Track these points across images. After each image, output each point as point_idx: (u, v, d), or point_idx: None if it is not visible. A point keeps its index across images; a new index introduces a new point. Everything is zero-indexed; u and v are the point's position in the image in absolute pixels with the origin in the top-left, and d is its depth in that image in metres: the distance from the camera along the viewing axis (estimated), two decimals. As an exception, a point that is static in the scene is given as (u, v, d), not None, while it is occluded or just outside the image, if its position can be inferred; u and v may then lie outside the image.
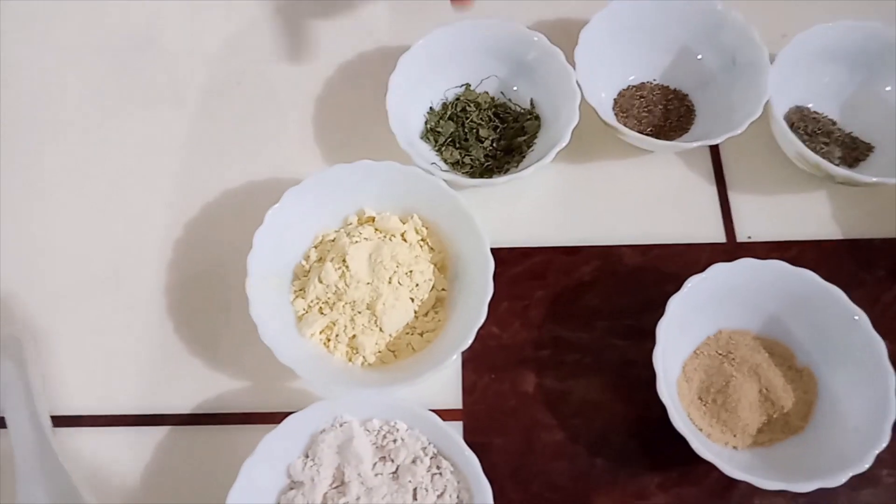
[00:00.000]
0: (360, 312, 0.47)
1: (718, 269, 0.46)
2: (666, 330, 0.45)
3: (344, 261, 0.47)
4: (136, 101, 0.60)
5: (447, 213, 0.49)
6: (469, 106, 0.57)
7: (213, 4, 0.64)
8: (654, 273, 0.53)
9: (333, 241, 0.49)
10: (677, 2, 0.57)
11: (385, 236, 0.49)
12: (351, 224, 0.50)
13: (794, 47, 0.54)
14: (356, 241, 0.48)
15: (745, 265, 0.46)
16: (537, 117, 0.56)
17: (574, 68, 0.53)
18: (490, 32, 0.56)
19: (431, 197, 0.49)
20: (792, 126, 0.57)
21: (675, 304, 0.45)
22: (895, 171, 0.54)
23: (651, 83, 0.59)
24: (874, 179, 0.50)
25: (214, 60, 0.62)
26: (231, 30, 0.63)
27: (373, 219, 0.50)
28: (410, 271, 0.48)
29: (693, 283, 0.46)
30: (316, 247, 0.50)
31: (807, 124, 0.57)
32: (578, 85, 0.53)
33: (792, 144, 0.52)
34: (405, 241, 0.49)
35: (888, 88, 0.56)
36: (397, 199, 0.50)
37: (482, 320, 0.45)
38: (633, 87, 0.59)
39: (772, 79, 0.53)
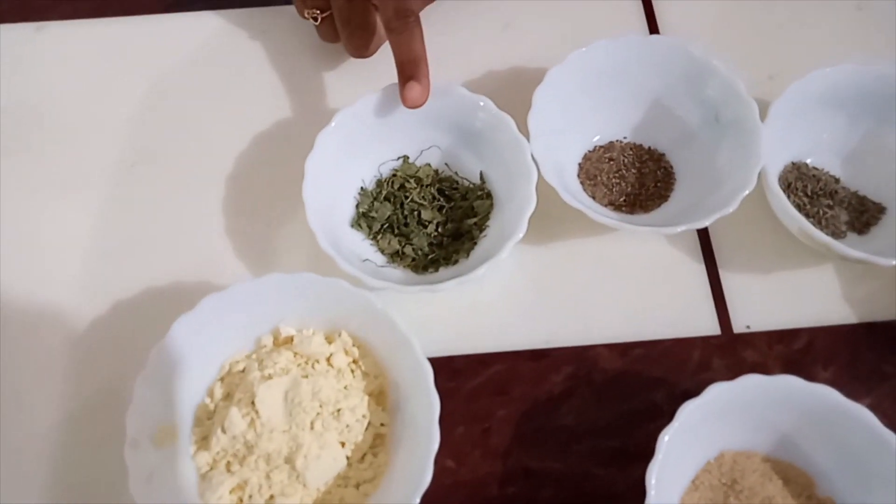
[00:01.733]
0: (277, 467, 0.37)
1: (717, 391, 0.37)
2: (658, 472, 0.36)
3: (253, 404, 0.37)
4: (28, 185, 0.51)
5: (380, 332, 0.40)
6: (408, 182, 0.48)
7: (118, 74, 0.55)
8: (638, 378, 0.44)
9: (243, 371, 0.40)
10: (647, 48, 0.48)
11: (306, 363, 0.40)
12: (265, 347, 0.41)
13: (789, 97, 0.46)
14: (268, 376, 0.38)
15: (750, 383, 0.38)
16: (489, 194, 0.47)
17: (528, 138, 0.44)
18: (440, 98, 0.46)
19: (360, 312, 0.40)
20: (789, 187, 0.48)
21: (667, 439, 0.36)
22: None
23: (621, 142, 0.50)
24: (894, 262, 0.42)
25: (117, 137, 0.52)
26: (135, 100, 0.53)
27: (291, 339, 0.41)
28: (338, 409, 0.38)
29: (687, 411, 0.37)
30: (222, 379, 0.40)
31: (806, 184, 0.49)
32: (534, 159, 0.44)
33: (794, 220, 0.43)
34: (331, 366, 0.40)
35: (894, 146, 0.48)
36: (321, 314, 0.41)
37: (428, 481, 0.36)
38: (601, 147, 0.50)
39: (764, 137, 0.45)
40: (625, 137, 0.51)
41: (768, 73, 0.53)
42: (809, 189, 0.48)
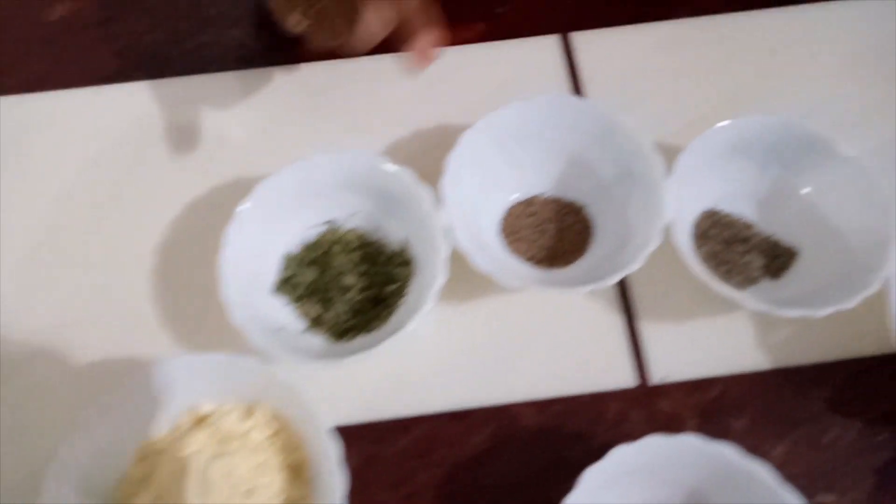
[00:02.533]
0: (192, 550, 0.38)
1: (619, 454, 0.38)
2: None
3: (169, 488, 0.38)
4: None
5: (292, 406, 0.41)
6: (334, 247, 0.49)
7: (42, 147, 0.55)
8: (557, 434, 0.45)
9: (161, 453, 0.41)
10: (558, 108, 0.49)
11: (222, 441, 0.41)
12: (181, 427, 0.42)
13: (694, 150, 0.47)
14: (179, 455, 0.39)
15: (652, 444, 0.38)
16: (407, 262, 0.48)
17: (441, 205, 0.45)
18: (345, 166, 0.47)
19: (272, 387, 0.41)
20: (703, 235, 0.49)
21: (570, 504, 0.37)
22: (824, 278, 0.47)
23: (542, 197, 0.52)
24: (797, 313, 0.42)
25: (39, 210, 0.53)
26: (58, 174, 0.54)
27: (208, 417, 0.42)
28: (252, 488, 0.39)
29: (589, 476, 0.38)
30: (141, 460, 0.41)
31: (721, 231, 0.50)
32: (447, 230, 0.44)
33: (699, 274, 0.44)
34: (250, 441, 0.41)
35: (806, 190, 0.49)
36: (237, 390, 0.42)
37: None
38: (523, 202, 0.51)
39: (673, 187, 0.46)
40: (546, 192, 0.52)
41: (687, 119, 0.54)
42: (723, 236, 0.49)
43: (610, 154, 0.49)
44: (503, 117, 0.48)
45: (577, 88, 0.56)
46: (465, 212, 0.47)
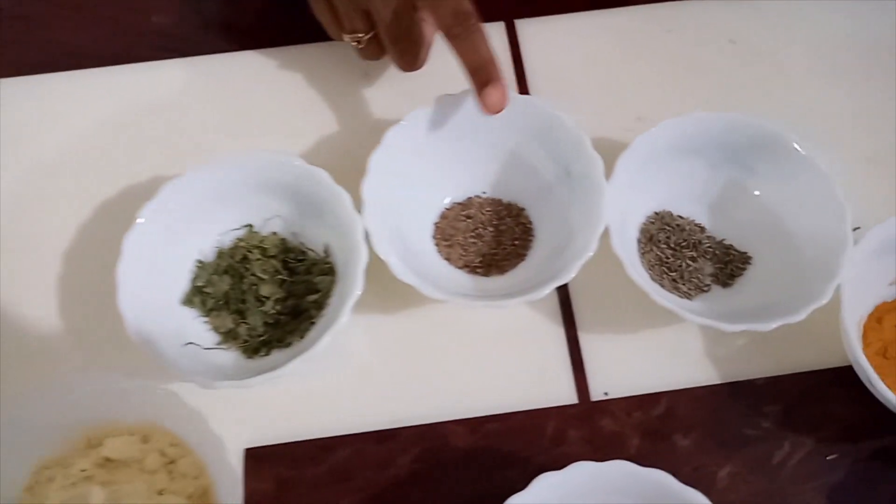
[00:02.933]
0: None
1: (545, 483, 0.35)
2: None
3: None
4: None
5: (196, 430, 0.37)
6: (251, 253, 0.45)
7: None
8: (490, 455, 0.42)
9: (49, 481, 0.37)
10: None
11: (114, 468, 0.37)
12: (73, 452, 0.38)
13: (637, 149, 0.43)
14: (68, 482, 0.36)
15: (580, 472, 0.35)
16: (329, 270, 0.44)
17: (362, 210, 0.42)
18: (260, 166, 0.44)
19: (173, 409, 0.37)
20: (651, 239, 0.46)
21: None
22: (776, 286, 0.44)
23: (480, 198, 0.48)
24: (742, 328, 0.39)
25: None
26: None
27: (102, 442, 0.38)
28: (148, 520, 0.36)
29: (513, 507, 0.35)
30: (29, 490, 0.38)
31: (670, 234, 0.46)
32: (368, 236, 0.41)
33: (643, 287, 0.41)
34: (146, 467, 0.37)
35: (760, 192, 0.46)
36: (134, 412, 0.38)
37: None
38: (459, 204, 0.48)
39: (614, 189, 0.43)
40: (484, 192, 0.48)
41: (637, 114, 0.51)
42: (673, 240, 0.46)
43: (550, 153, 0.45)
44: (432, 113, 0.44)
45: (521, 80, 0.52)
46: (390, 216, 0.43)
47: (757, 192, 0.46)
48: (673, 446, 0.42)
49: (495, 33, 0.54)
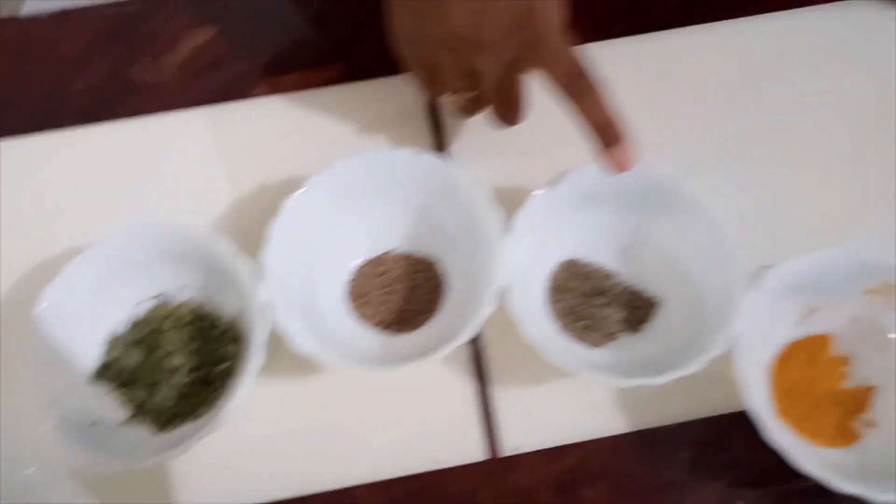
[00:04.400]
0: None
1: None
2: None
3: None
4: None
5: None
6: (165, 323, 0.45)
7: None
8: (399, 517, 0.42)
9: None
10: (401, 157, 0.46)
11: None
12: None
13: (533, 205, 0.43)
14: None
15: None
16: (238, 338, 0.44)
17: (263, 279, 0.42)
18: (162, 237, 0.44)
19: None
20: (560, 288, 0.46)
21: None
22: (681, 333, 0.44)
23: (393, 253, 0.48)
24: (634, 383, 0.39)
25: None
26: None
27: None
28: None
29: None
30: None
31: (580, 283, 0.47)
32: (268, 307, 0.41)
33: (535, 344, 0.41)
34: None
35: (663, 238, 0.46)
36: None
37: None
38: (372, 261, 0.48)
39: (519, 242, 0.43)
40: (398, 247, 0.49)
41: (556, 160, 0.50)
42: (583, 289, 0.46)
43: (452, 208, 0.46)
44: (333, 176, 0.45)
45: (438, 132, 0.53)
46: (295, 281, 0.43)
47: (660, 238, 0.46)
48: (582, 500, 0.42)
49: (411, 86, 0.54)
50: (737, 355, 0.40)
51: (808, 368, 0.44)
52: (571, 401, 0.45)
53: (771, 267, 0.42)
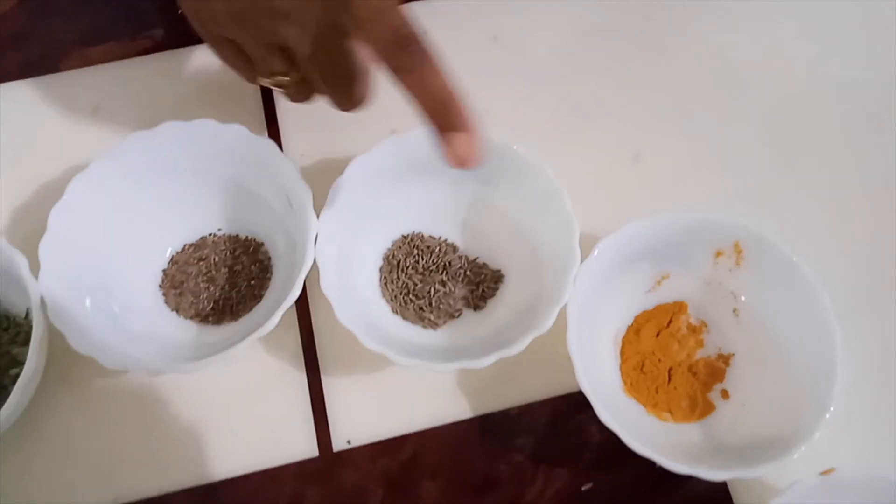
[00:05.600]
0: None
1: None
2: None
3: None
4: None
5: None
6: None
7: None
8: (216, 525, 0.38)
9: None
10: (202, 130, 0.41)
11: None
12: None
13: (352, 172, 0.40)
14: None
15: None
16: (28, 341, 0.40)
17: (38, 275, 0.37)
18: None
19: None
20: (398, 265, 0.42)
21: None
22: (523, 308, 0.40)
23: (215, 236, 0.44)
24: (456, 367, 0.36)
25: None
26: None
27: None
28: None
29: None
30: None
31: (418, 258, 0.43)
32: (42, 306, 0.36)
33: (350, 330, 0.37)
34: None
35: (502, 207, 0.42)
36: None
37: None
38: (191, 245, 0.44)
39: (335, 216, 0.39)
40: (220, 230, 0.44)
41: (391, 128, 0.47)
42: (422, 264, 0.43)
43: (273, 182, 0.41)
44: (126, 154, 0.40)
45: (268, 104, 0.48)
46: (86, 275, 0.39)
47: (502, 208, 0.42)
48: (419, 493, 0.39)
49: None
50: (569, 330, 0.36)
51: (660, 339, 0.41)
52: (408, 389, 0.41)
53: (613, 233, 0.39)
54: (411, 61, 0.32)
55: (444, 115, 0.32)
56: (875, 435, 0.39)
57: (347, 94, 0.36)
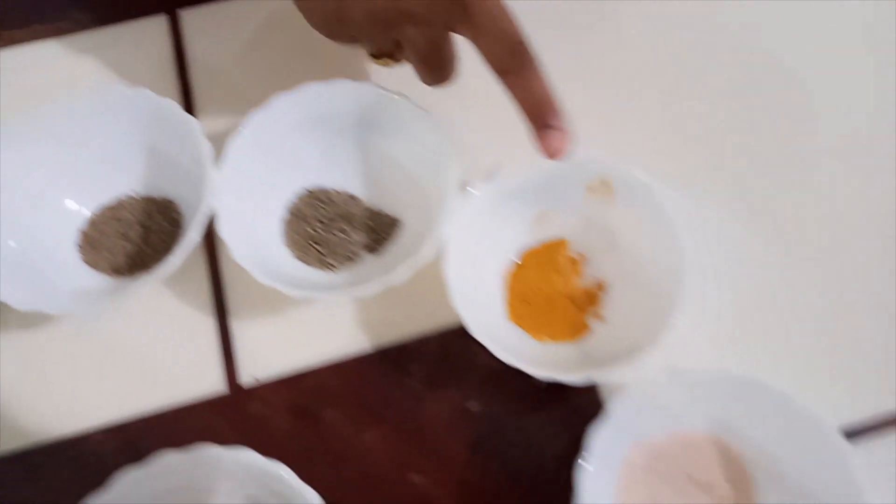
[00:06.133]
0: None
1: (126, 481, 0.34)
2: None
3: None
4: None
5: None
6: None
7: None
8: (136, 460, 0.41)
9: None
10: (120, 99, 0.44)
11: None
12: None
13: (248, 130, 0.43)
14: None
15: (163, 463, 0.35)
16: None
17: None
18: None
19: None
20: (302, 216, 0.46)
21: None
22: (415, 247, 0.43)
23: (131, 197, 0.47)
24: (345, 295, 0.39)
25: None
26: None
27: None
28: None
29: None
30: None
31: (319, 210, 0.46)
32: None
33: (246, 267, 0.40)
34: None
35: (393, 156, 0.45)
36: None
37: None
38: (109, 208, 0.47)
39: (233, 170, 0.42)
40: (135, 192, 0.47)
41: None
42: (324, 214, 0.46)
43: (178, 141, 0.44)
44: (36, 120, 0.43)
45: (182, 74, 0.51)
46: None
47: (397, 156, 0.46)
48: (321, 419, 0.42)
49: (157, 28, 0.53)
50: (447, 259, 0.40)
51: (543, 272, 0.45)
52: (313, 327, 0.44)
53: (490, 173, 0.42)
54: (519, 65, 0.36)
55: (542, 115, 0.37)
56: (719, 338, 0.43)
57: (441, 76, 0.42)
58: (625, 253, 0.43)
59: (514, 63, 0.36)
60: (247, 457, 0.35)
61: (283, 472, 0.35)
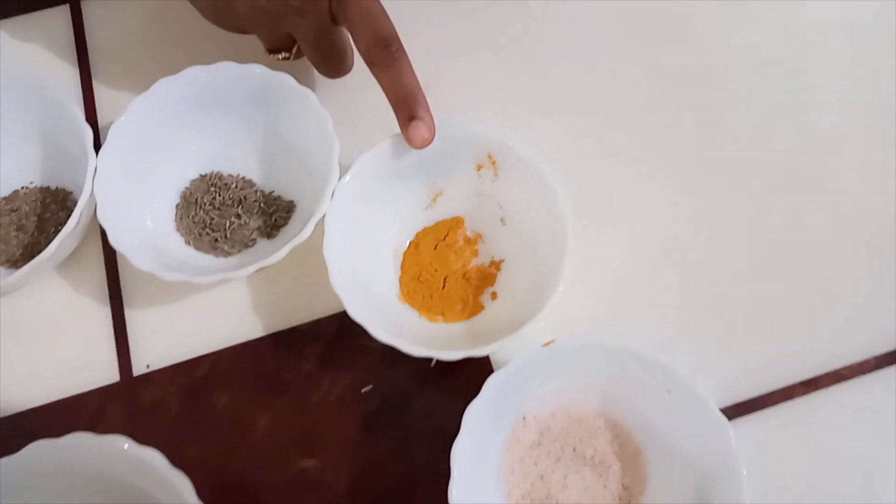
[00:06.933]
0: None
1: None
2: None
3: None
4: None
5: None
6: None
7: None
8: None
9: None
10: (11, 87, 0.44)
11: None
12: None
13: (131, 113, 0.43)
14: None
15: (37, 450, 0.35)
16: None
17: None
18: None
19: None
20: (196, 202, 0.45)
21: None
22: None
23: (27, 189, 0.47)
24: (215, 278, 0.39)
25: None
26: None
27: None
28: None
29: None
30: None
31: (215, 195, 0.46)
32: None
33: (122, 252, 0.40)
34: None
35: (287, 137, 0.45)
36: None
37: None
38: (5, 199, 0.46)
39: (117, 154, 0.42)
40: (32, 182, 0.47)
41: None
42: (218, 200, 0.46)
43: (66, 132, 0.44)
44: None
45: (83, 63, 0.51)
46: None
47: (288, 138, 0.45)
48: (213, 404, 0.42)
49: (59, 17, 0.52)
50: (326, 239, 0.39)
51: (438, 251, 0.44)
52: (206, 314, 0.44)
53: (370, 151, 0.42)
54: (389, 59, 0.39)
55: (408, 106, 0.39)
56: (594, 310, 0.43)
57: (335, 68, 0.44)
58: (517, 229, 0.43)
59: (384, 57, 0.39)
60: (119, 443, 0.35)
61: (155, 460, 0.34)
